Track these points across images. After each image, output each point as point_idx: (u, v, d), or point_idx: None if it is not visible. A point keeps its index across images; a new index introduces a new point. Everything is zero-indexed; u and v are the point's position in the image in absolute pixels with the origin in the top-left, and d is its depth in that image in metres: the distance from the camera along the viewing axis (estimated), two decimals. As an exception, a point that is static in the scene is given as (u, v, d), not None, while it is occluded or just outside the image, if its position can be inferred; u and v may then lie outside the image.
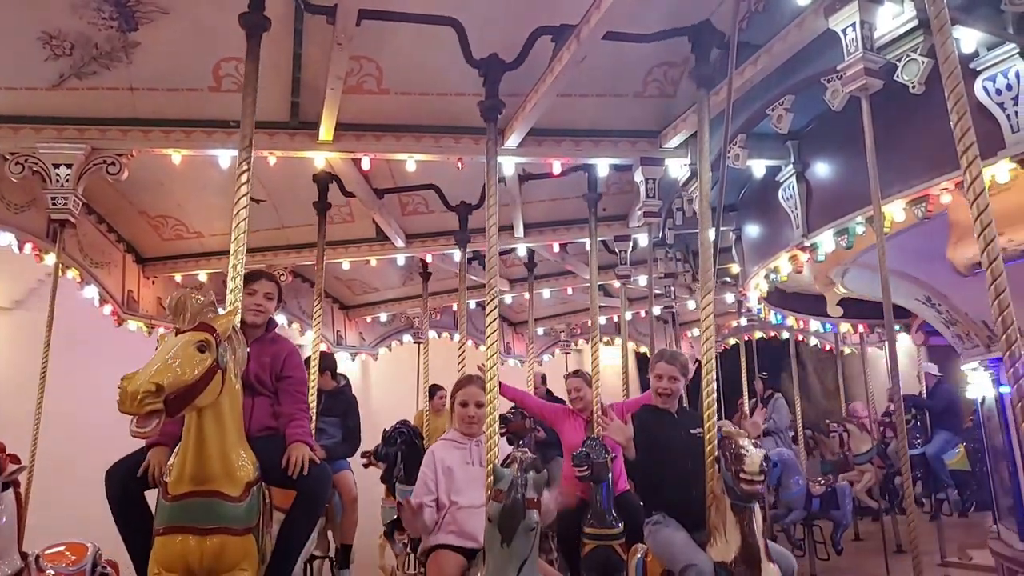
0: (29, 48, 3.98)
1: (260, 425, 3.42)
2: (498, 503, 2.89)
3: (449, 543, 3.52)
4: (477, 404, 3.76)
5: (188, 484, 2.93)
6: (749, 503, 3.23)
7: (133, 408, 2.47)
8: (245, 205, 3.50)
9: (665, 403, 3.94)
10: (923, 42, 3.25)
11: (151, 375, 2.56)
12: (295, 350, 3.78)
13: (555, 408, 5.00)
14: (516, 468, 3.00)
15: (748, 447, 3.21)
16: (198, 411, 2.84)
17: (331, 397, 5.98)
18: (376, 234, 6.91)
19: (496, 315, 3.54)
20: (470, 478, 3.62)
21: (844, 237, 4.67)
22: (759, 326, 10.25)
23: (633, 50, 4.14)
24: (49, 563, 4.00)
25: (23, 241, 5.55)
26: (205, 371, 2.75)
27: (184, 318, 2.85)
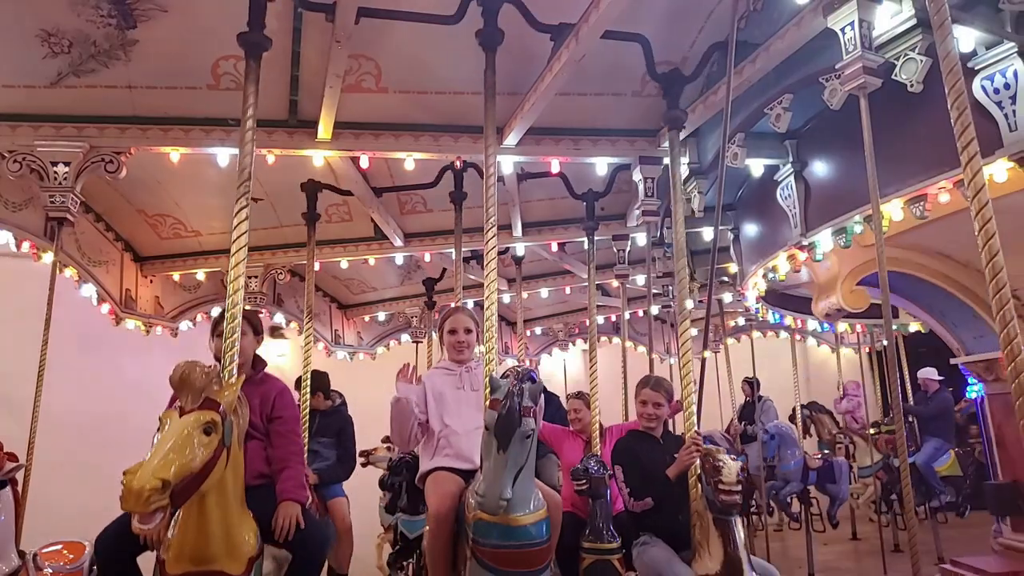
0: (27, 46, 3.97)
1: (254, 472, 3.22)
2: (494, 411, 2.94)
3: (446, 465, 3.56)
4: (465, 330, 3.85)
5: (188, 563, 2.77)
6: (730, 515, 3.34)
7: (138, 508, 2.33)
8: (245, 205, 3.48)
9: (650, 428, 4.07)
10: (921, 41, 3.25)
11: (156, 469, 2.40)
12: (285, 389, 3.63)
13: (555, 429, 5.02)
14: (512, 378, 3.04)
15: (725, 460, 3.36)
16: (200, 493, 2.67)
17: (325, 417, 5.85)
18: (374, 233, 6.91)
19: (494, 314, 3.50)
20: (463, 402, 3.68)
21: (842, 236, 4.67)
22: (757, 325, 10.28)
23: (632, 49, 4.14)
24: (47, 562, 4.00)
25: (20, 240, 5.56)
26: (212, 454, 2.62)
27: (188, 397, 2.69)
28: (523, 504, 3.01)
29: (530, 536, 3.01)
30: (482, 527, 3.03)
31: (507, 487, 2.87)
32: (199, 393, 2.69)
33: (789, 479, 8.11)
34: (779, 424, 8.48)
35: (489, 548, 3.02)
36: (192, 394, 2.69)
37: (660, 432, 4.10)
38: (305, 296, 5.90)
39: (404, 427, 3.62)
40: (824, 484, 8.14)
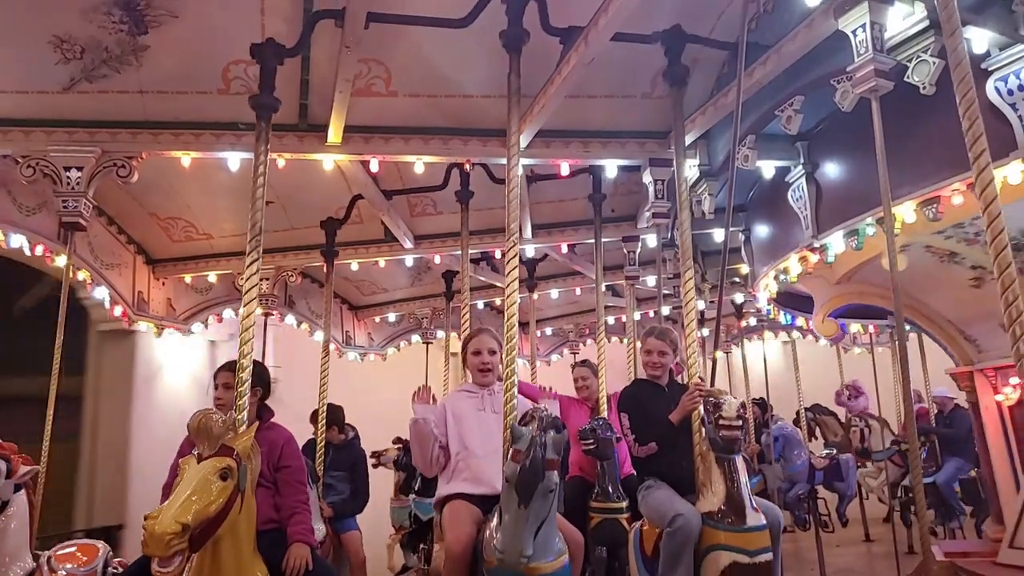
0: (40, 52, 4.00)
1: (264, 518, 3.32)
2: (516, 464, 2.83)
3: (464, 491, 3.45)
4: (490, 351, 3.74)
5: None
6: (731, 454, 3.45)
7: (160, 551, 2.47)
8: (260, 209, 3.52)
9: (655, 377, 4.10)
10: (934, 43, 3.23)
11: (176, 514, 2.54)
12: (291, 438, 3.71)
13: (560, 398, 5.05)
14: (535, 427, 2.93)
15: (725, 397, 3.53)
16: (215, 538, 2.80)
17: (339, 451, 5.98)
18: (384, 235, 6.92)
19: (515, 318, 3.49)
20: (484, 425, 3.56)
21: (854, 238, 4.63)
22: (768, 326, 10.22)
23: (641, 51, 4.13)
24: (61, 563, 4.03)
25: (34, 243, 5.59)
26: (228, 499, 2.75)
27: (205, 444, 2.84)
28: (544, 553, 2.94)
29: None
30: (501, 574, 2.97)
31: (528, 544, 2.79)
32: (216, 440, 2.85)
33: (795, 480, 8.06)
34: (783, 425, 8.44)
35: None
36: (210, 441, 2.84)
37: (665, 381, 4.12)
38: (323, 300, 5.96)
39: (425, 449, 3.54)
40: (832, 482, 8.09)
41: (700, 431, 3.62)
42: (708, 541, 3.40)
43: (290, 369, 7.65)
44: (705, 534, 3.40)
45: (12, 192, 5.39)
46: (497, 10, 3.90)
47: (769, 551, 3.36)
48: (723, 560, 3.31)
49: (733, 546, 3.32)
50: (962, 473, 8.28)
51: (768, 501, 3.78)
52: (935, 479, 8.17)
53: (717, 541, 3.37)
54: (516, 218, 3.60)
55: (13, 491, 3.65)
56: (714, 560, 3.34)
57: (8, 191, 5.37)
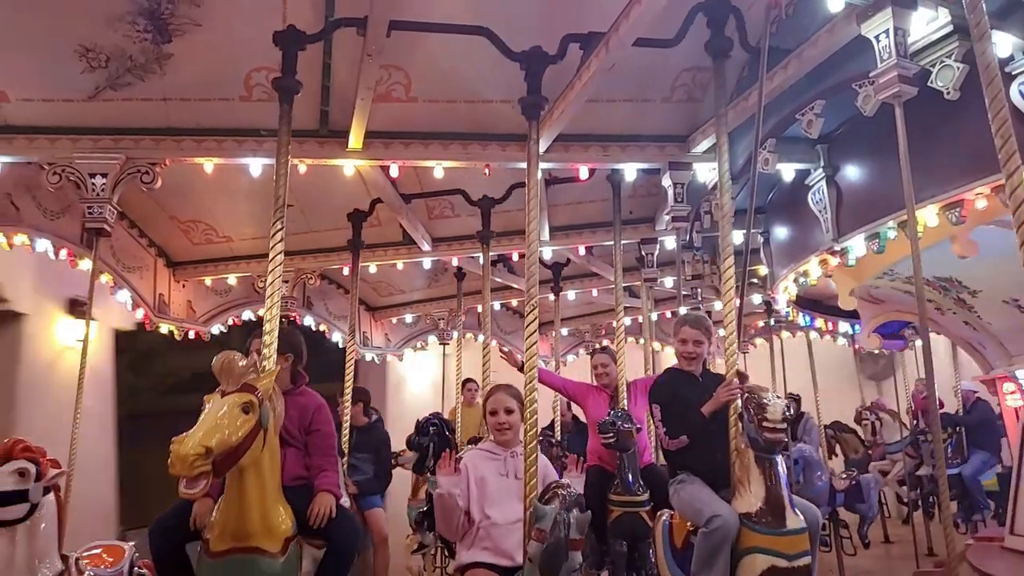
0: (66, 61, 4.06)
1: (292, 475, 3.48)
2: (540, 543, 2.78)
3: (484, 560, 3.32)
4: (507, 411, 3.57)
5: (230, 540, 3.05)
6: (772, 454, 3.32)
7: (184, 470, 2.62)
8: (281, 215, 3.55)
9: (690, 366, 3.95)
10: (958, 47, 3.21)
11: (200, 438, 2.70)
12: (323, 404, 3.81)
13: (579, 385, 5.07)
14: (559, 505, 2.87)
15: (770, 397, 3.35)
16: (240, 469, 2.95)
17: (363, 433, 6.06)
18: (403, 238, 6.96)
19: (536, 322, 3.46)
20: (505, 491, 3.43)
21: (876, 242, 4.61)
22: (786, 326, 10.17)
23: (661, 55, 4.13)
24: (88, 565, 4.08)
25: (59, 247, 5.68)
26: (249, 431, 2.90)
27: (228, 380, 2.97)
28: None
29: None
30: None
31: None
32: (238, 378, 3.00)
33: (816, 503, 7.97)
34: (803, 447, 8.36)
35: None
36: (232, 378, 2.99)
37: (699, 371, 3.96)
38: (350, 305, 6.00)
39: (450, 522, 3.41)
40: (853, 504, 8.00)
41: (736, 425, 3.46)
42: (745, 543, 3.30)
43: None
44: (743, 535, 3.30)
45: (37, 197, 5.47)
46: (517, 15, 3.93)
47: (808, 554, 3.29)
48: (760, 563, 3.23)
49: (772, 549, 3.24)
50: (988, 466, 8.25)
51: (807, 501, 3.64)
52: (960, 471, 8.13)
53: (755, 544, 3.27)
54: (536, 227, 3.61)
55: (42, 494, 3.69)
56: (751, 563, 3.26)
57: (33, 196, 5.45)
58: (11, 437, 3.67)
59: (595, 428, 4.69)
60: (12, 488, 3.51)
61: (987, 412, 8.43)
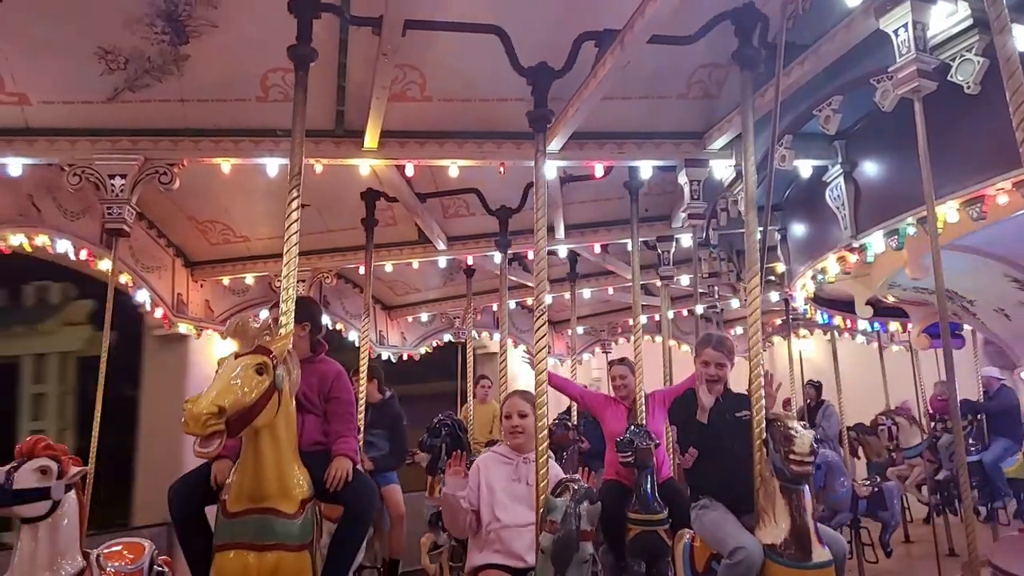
0: (86, 63, 4.09)
1: (311, 440, 3.51)
2: (551, 535, 2.85)
3: (495, 562, 3.39)
4: (520, 415, 3.63)
5: (246, 501, 3.06)
6: (799, 485, 3.22)
7: (197, 429, 2.62)
8: (296, 208, 3.56)
9: (712, 391, 3.87)
10: (978, 41, 3.17)
11: (213, 398, 2.69)
12: (342, 372, 3.86)
13: (597, 396, 5.03)
14: (569, 498, 2.93)
15: (797, 428, 3.24)
16: (255, 431, 2.96)
17: (377, 410, 6.06)
18: (418, 237, 6.97)
19: (544, 321, 3.52)
20: (516, 496, 3.49)
21: (894, 238, 4.57)
22: (804, 324, 10.10)
23: (677, 52, 4.10)
24: (108, 562, 4.13)
25: (79, 248, 5.74)
26: (263, 392, 2.88)
27: (243, 342, 2.97)
28: None
29: None
30: None
31: None
32: (252, 340, 2.99)
33: (838, 509, 7.90)
34: (825, 453, 8.27)
35: None
36: (246, 340, 2.98)
37: (721, 391, 3.90)
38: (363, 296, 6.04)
39: (456, 522, 3.53)
40: (875, 511, 7.93)
41: (761, 450, 3.37)
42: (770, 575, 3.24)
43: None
44: (767, 568, 3.23)
45: (57, 198, 5.53)
46: (531, 13, 3.92)
47: None
48: None
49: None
50: (1009, 453, 8.19)
51: (833, 531, 3.56)
52: (981, 458, 8.07)
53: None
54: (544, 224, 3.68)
55: (64, 491, 3.74)
56: None
57: (53, 197, 5.51)
58: (33, 436, 3.74)
59: (613, 442, 4.65)
60: (34, 485, 3.57)
61: (1010, 398, 8.37)
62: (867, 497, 7.80)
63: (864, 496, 7.80)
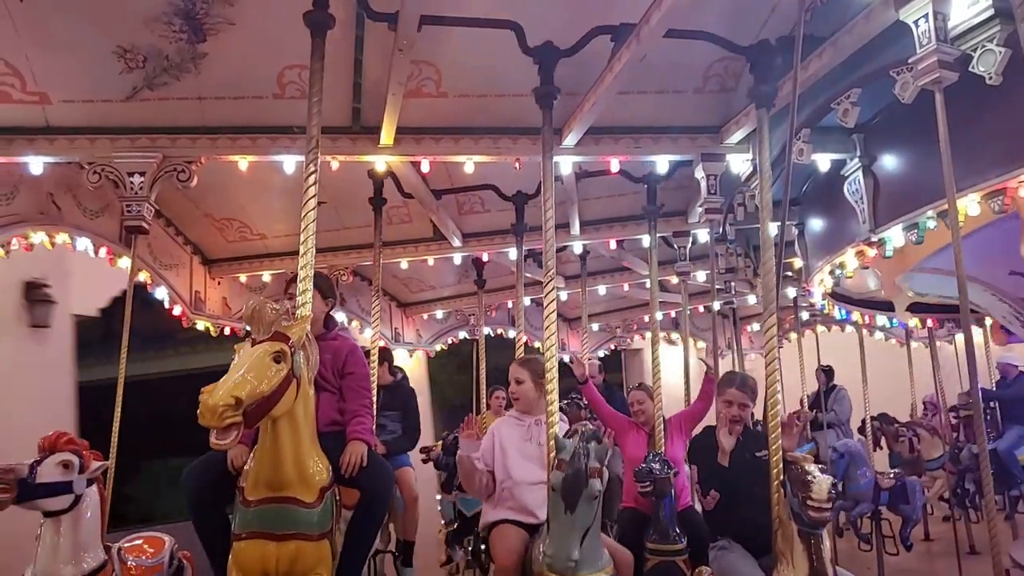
0: (105, 63, 4.13)
1: (327, 420, 3.48)
2: (560, 472, 2.97)
3: (509, 518, 3.61)
4: (516, 381, 3.93)
5: (264, 490, 3.01)
6: (816, 530, 3.18)
7: (214, 421, 2.53)
8: (313, 207, 3.58)
9: (733, 432, 3.91)
10: (1000, 31, 3.12)
11: (230, 388, 2.59)
12: (356, 347, 3.83)
13: (621, 419, 4.98)
14: (578, 439, 3.06)
15: (815, 473, 3.19)
16: (273, 419, 2.89)
17: (389, 392, 6.06)
18: (433, 233, 6.98)
19: (554, 312, 3.57)
20: (528, 455, 3.72)
21: (914, 232, 4.52)
22: (821, 320, 10.03)
23: (693, 46, 4.09)
24: (129, 555, 4.17)
25: (98, 246, 5.80)
26: (281, 381, 2.80)
27: (259, 328, 2.88)
28: (590, 563, 3.03)
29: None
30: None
31: (575, 548, 2.90)
32: (269, 326, 2.89)
33: (860, 499, 7.83)
34: (848, 442, 8.19)
35: None
36: (263, 327, 2.88)
37: (739, 431, 3.95)
38: (372, 287, 6.00)
39: (472, 482, 3.75)
40: (897, 505, 7.85)
41: (779, 491, 3.35)
42: None
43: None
44: None
45: (77, 196, 5.59)
46: (547, 8, 3.91)
47: None
48: None
49: None
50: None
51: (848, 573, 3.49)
52: (996, 446, 7.97)
53: None
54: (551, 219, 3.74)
55: (85, 486, 3.78)
56: None
57: (73, 195, 5.57)
58: (55, 430, 3.78)
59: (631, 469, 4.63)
60: (57, 479, 3.61)
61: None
62: (889, 489, 7.73)
63: (886, 488, 7.74)
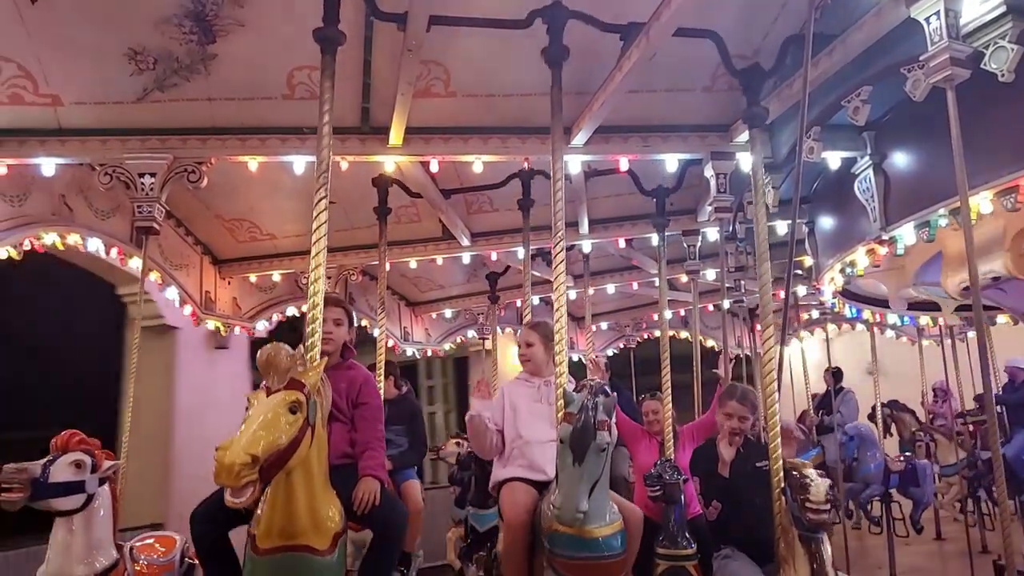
0: (117, 65, 4.15)
1: (338, 452, 3.35)
2: (569, 424, 2.97)
3: (520, 476, 3.64)
4: (527, 344, 4.01)
5: (277, 538, 2.89)
6: (817, 533, 3.22)
7: (230, 481, 2.44)
8: (324, 208, 3.58)
9: (733, 443, 3.94)
10: (1012, 28, 3.11)
11: (246, 445, 2.50)
12: (371, 378, 3.78)
13: (635, 428, 4.99)
14: (586, 392, 3.07)
15: (813, 476, 3.24)
16: (287, 470, 2.78)
17: (395, 406, 6.01)
18: (442, 233, 6.99)
19: (564, 310, 3.61)
20: (538, 413, 3.78)
21: (925, 230, 4.50)
22: (832, 319, 9.99)
23: (702, 44, 4.07)
24: (141, 554, 4.20)
25: (110, 246, 5.84)
26: (298, 432, 2.72)
27: (274, 377, 2.79)
28: (599, 517, 3.03)
29: (606, 548, 3.04)
30: (558, 539, 3.07)
31: (583, 500, 2.89)
32: (284, 374, 2.80)
33: (869, 482, 7.81)
34: (859, 425, 8.18)
35: (565, 559, 3.06)
36: (278, 375, 2.79)
37: (739, 442, 3.97)
38: (377, 294, 6.03)
39: (482, 441, 3.80)
40: (907, 487, 7.80)
41: (780, 499, 3.39)
42: None
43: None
44: None
45: (88, 197, 5.63)
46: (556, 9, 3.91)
47: None
48: None
49: None
50: None
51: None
52: (1004, 451, 7.85)
53: None
54: (562, 218, 3.73)
55: (97, 485, 3.81)
56: None
57: (85, 196, 5.61)
58: (68, 430, 3.81)
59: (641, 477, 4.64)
60: (69, 479, 3.64)
61: None
62: (900, 472, 7.70)
63: (896, 471, 7.70)
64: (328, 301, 3.68)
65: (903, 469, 7.72)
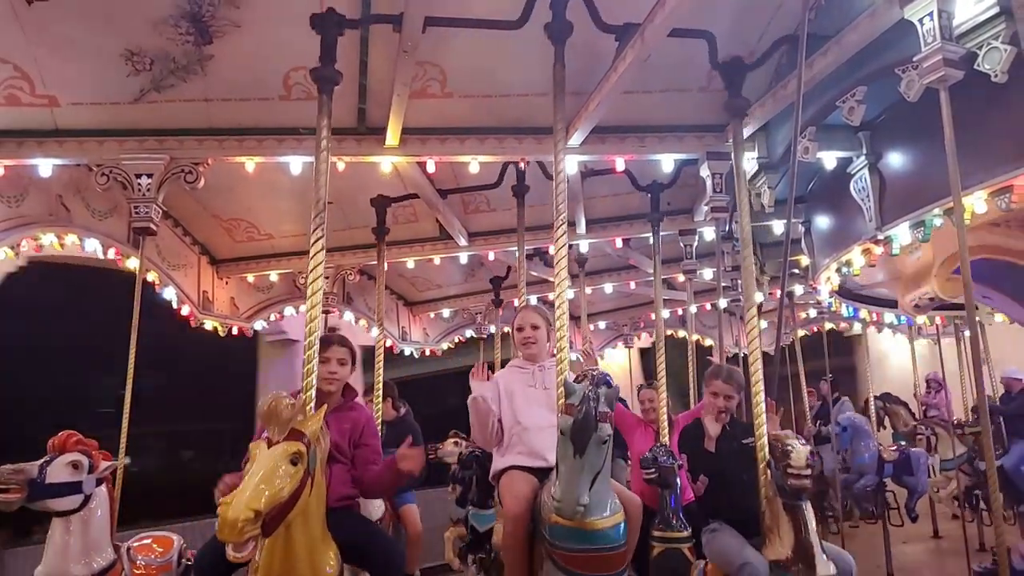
0: (113, 66, 4.15)
1: (338, 495, 3.34)
2: (570, 416, 2.93)
3: (519, 464, 3.58)
4: (532, 326, 3.88)
5: None
6: (800, 500, 3.29)
7: (234, 537, 2.48)
8: (323, 209, 3.59)
9: (719, 420, 4.02)
10: (1005, 29, 3.13)
11: (248, 500, 2.53)
12: (372, 417, 3.81)
13: (630, 416, 5.03)
14: (588, 383, 3.02)
15: (794, 443, 3.33)
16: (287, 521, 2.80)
17: (393, 428, 6.02)
18: (439, 233, 7.00)
19: (565, 311, 3.58)
20: (534, 400, 3.70)
21: (920, 230, 4.51)
22: (829, 318, 10.01)
23: (697, 44, 4.09)
24: (139, 555, 4.21)
25: (107, 247, 5.83)
26: (299, 483, 2.75)
27: (276, 428, 2.82)
28: (600, 508, 2.99)
29: (607, 540, 3.01)
30: (559, 531, 3.04)
31: (584, 492, 2.86)
32: (286, 424, 2.83)
33: (863, 472, 7.83)
34: (852, 416, 8.21)
35: (566, 551, 3.03)
36: (279, 426, 2.82)
37: (726, 419, 4.05)
38: (376, 295, 6.03)
39: (484, 425, 3.69)
40: (901, 476, 7.83)
41: (766, 473, 3.48)
42: None
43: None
44: None
45: (86, 198, 5.63)
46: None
47: None
48: None
49: None
50: None
51: (839, 549, 3.62)
52: (1002, 462, 7.86)
53: None
54: (564, 212, 3.68)
55: (95, 485, 3.82)
56: None
57: (82, 197, 5.61)
58: (65, 431, 3.81)
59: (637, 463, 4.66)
60: (66, 480, 3.65)
61: None
62: (893, 461, 7.72)
63: (890, 460, 7.72)
64: (334, 340, 3.72)
65: (897, 458, 7.73)
